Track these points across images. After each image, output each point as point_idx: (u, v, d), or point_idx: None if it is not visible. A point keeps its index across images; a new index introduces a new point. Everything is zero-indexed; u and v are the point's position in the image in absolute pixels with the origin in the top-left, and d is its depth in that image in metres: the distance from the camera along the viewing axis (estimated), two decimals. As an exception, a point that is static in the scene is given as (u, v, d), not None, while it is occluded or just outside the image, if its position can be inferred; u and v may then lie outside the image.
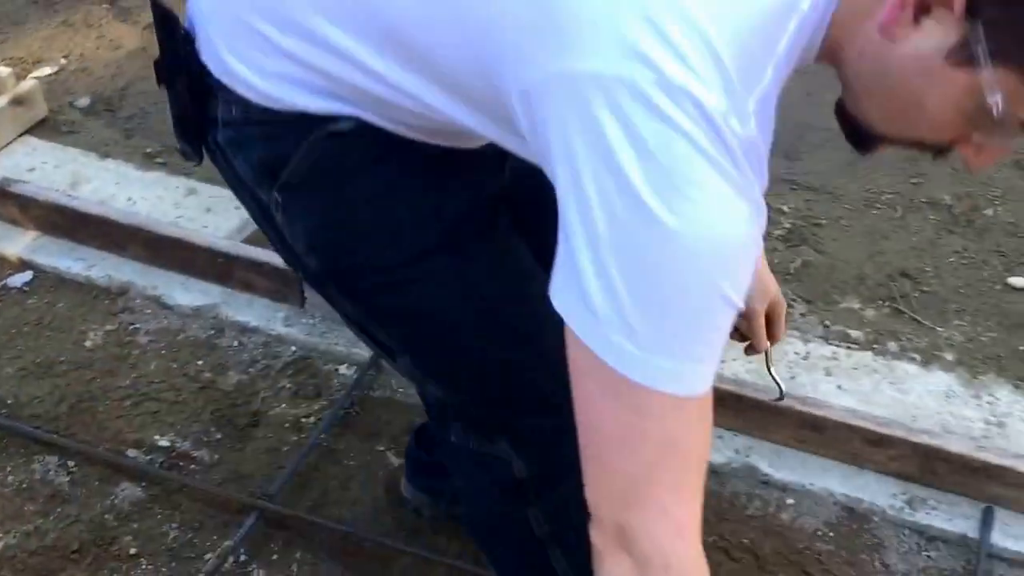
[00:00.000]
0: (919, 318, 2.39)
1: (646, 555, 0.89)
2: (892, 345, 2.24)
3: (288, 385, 2.16)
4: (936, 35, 0.80)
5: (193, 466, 1.97)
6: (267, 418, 2.08)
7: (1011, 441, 2.00)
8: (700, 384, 0.85)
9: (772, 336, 1.55)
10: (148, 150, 2.79)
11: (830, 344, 2.26)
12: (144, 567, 1.79)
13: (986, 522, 1.86)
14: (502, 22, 0.85)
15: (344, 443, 2.03)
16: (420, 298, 1.16)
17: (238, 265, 2.28)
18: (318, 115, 1.04)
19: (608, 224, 0.80)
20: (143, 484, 1.93)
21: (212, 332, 2.27)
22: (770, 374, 1.72)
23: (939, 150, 0.91)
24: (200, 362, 2.20)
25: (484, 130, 0.98)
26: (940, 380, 2.20)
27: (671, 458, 0.88)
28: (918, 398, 2.13)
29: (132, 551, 1.81)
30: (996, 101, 0.78)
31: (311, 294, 2.23)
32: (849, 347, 2.26)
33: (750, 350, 1.56)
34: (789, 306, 2.01)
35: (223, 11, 1.08)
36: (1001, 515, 1.88)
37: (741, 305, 0.85)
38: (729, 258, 0.83)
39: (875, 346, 2.23)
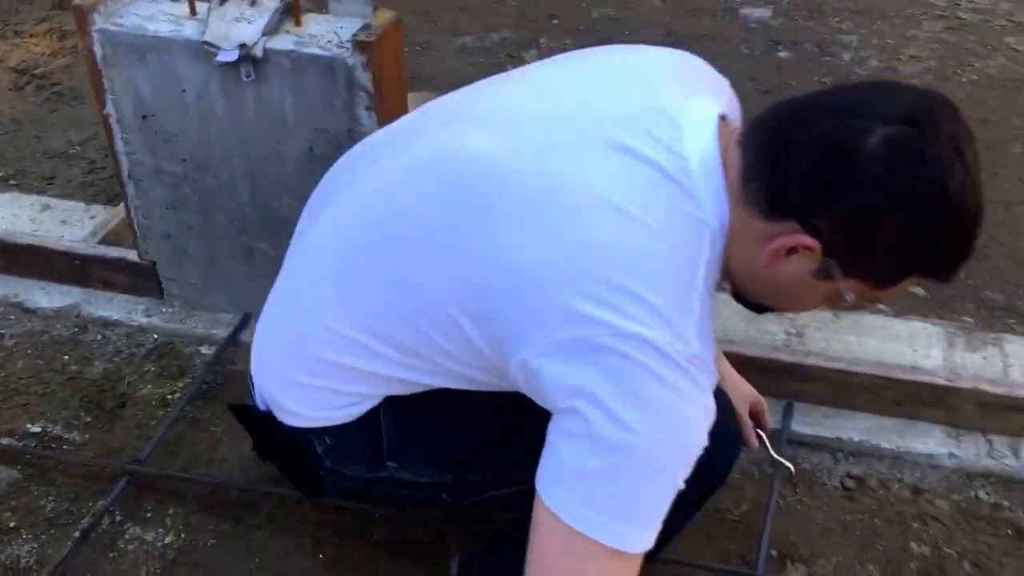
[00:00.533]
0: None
1: None
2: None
3: (152, 368, 2.27)
4: (803, 264, 1.14)
5: (66, 447, 2.06)
6: (134, 399, 2.19)
7: (808, 347, 2.24)
8: (646, 543, 1.13)
9: (762, 427, 1.81)
10: (0, 174, 2.86)
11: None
12: (24, 537, 1.87)
13: (787, 414, 2.09)
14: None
15: (209, 412, 2.15)
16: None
17: (95, 265, 2.38)
18: (375, 406, 1.37)
19: (587, 437, 1.09)
20: (18, 466, 2.01)
21: (76, 330, 2.36)
22: (774, 458, 1.87)
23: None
24: (66, 357, 2.29)
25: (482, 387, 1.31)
26: (747, 304, 2.44)
27: None
28: (727, 320, 2.35)
29: (11, 524, 1.89)
30: (850, 296, 1.17)
31: (169, 285, 2.35)
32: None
33: (745, 447, 1.76)
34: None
35: (276, 382, 1.40)
36: (800, 407, 2.11)
37: (680, 488, 1.12)
38: (680, 458, 1.11)
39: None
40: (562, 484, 1.12)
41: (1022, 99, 3.36)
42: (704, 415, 1.12)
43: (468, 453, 1.42)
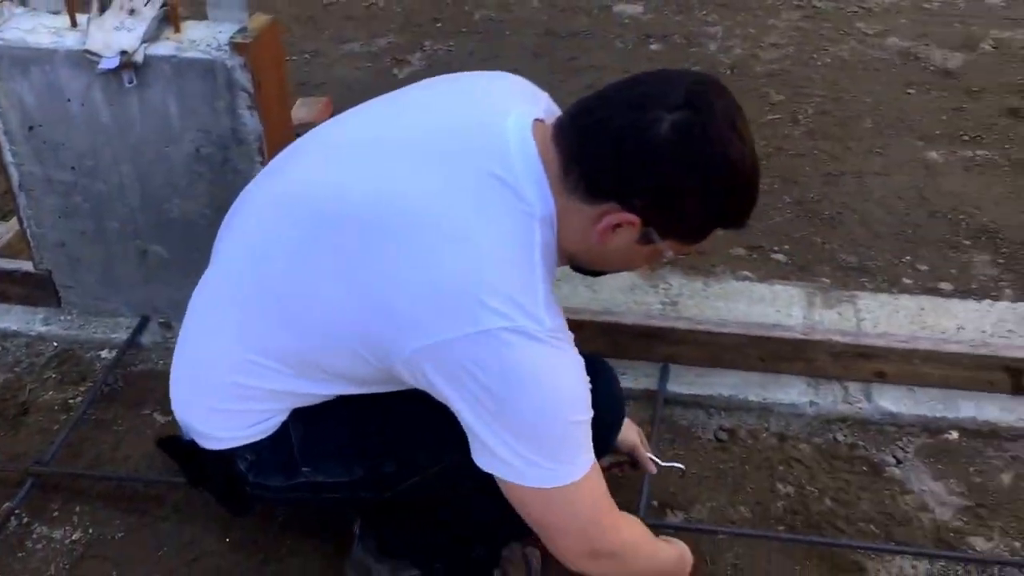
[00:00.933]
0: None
1: (615, 552, 1.43)
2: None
3: (53, 375, 2.29)
4: (628, 235, 1.31)
5: (-32, 458, 2.08)
6: (36, 405, 2.21)
7: (681, 314, 2.39)
8: (588, 464, 1.33)
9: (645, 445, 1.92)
10: None
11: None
12: (-73, 546, 1.89)
13: (663, 376, 2.22)
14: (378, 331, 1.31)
15: (112, 413, 2.19)
16: None
17: (-11, 278, 2.39)
18: (284, 420, 1.47)
19: (492, 411, 1.27)
20: (-81, 480, 2.02)
21: (-27, 344, 2.36)
22: (668, 466, 1.95)
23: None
24: (-35, 370, 2.29)
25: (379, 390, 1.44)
26: (624, 279, 2.57)
27: (594, 505, 1.38)
28: (609, 294, 2.49)
29: (-85, 536, 1.91)
30: (668, 254, 1.36)
31: (66, 292, 2.37)
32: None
33: (642, 469, 1.89)
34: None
35: (193, 411, 1.52)
36: (674, 369, 2.25)
37: (585, 417, 1.32)
38: (569, 398, 1.30)
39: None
40: (500, 461, 1.31)
41: (869, 78, 3.59)
42: (576, 367, 1.32)
43: (373, 447, 1.50)
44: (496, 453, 1.31)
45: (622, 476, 1.93)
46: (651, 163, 1.24)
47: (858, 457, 2.07)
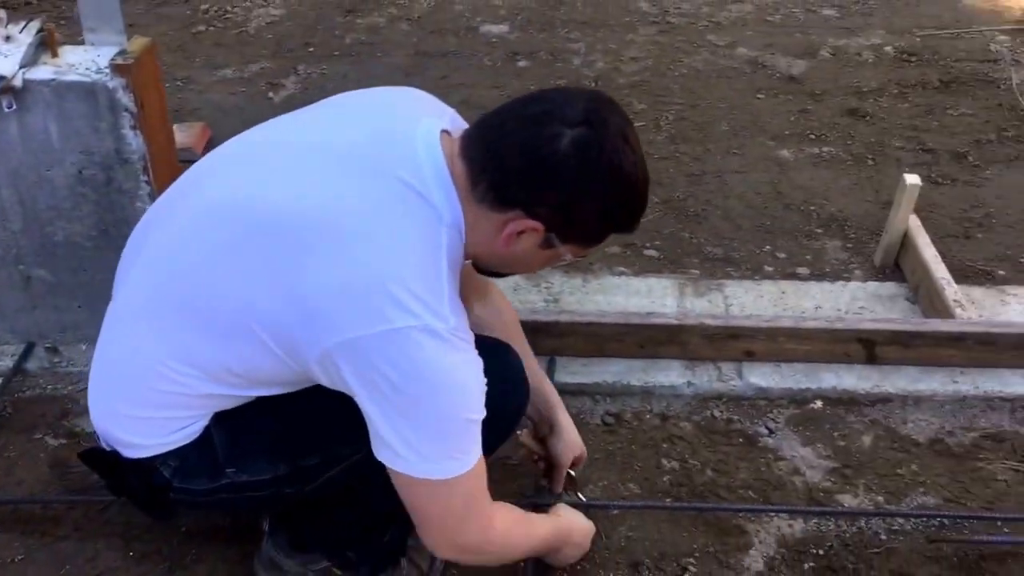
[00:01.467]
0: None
1: (483, 548, 1.51)
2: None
3: (-63, 410, 2.22)
4: (531, 241, 1.39)
5: None
6: (-79, 440, 2.14)
7: (563, 309, 2.48)
8: (474, 461, 1.39)
9: (575, 469, 1.95)
10: None
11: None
12: None
13: (550, 368, 2.31)
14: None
15: (2, 440, 2.14)
16: None
17: None
18: (206, 424, 1.49)
19: (394, 405, 1.32)
20: None
21: None
22: (578, 497, 1.96)
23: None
24: None
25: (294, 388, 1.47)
26: (508, 280, 2.64)
27: (472, 500, 1.43)
28: (493, 296, 2.57)
29: None
30: (567, 257, 1.45)
31: (-56, 325, 2.30)
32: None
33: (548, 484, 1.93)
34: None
35: (113, 420, 1.50)
36: (561, 361, 2.34)
37: (480, 416, 1.37)
38: (469, 396, 1.35)
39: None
40: (394, 452, 1.35)
41: (723, 86, 3.79)
42: (476, 367, 1.37)
43: (295, 443, 1.52)
44: (391, 444, 1.35)
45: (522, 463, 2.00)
46: (554, 175, 1.32)
47: (734, 430, 2.19)
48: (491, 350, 1.60)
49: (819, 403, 2.25)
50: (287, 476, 1.54)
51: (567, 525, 1.73)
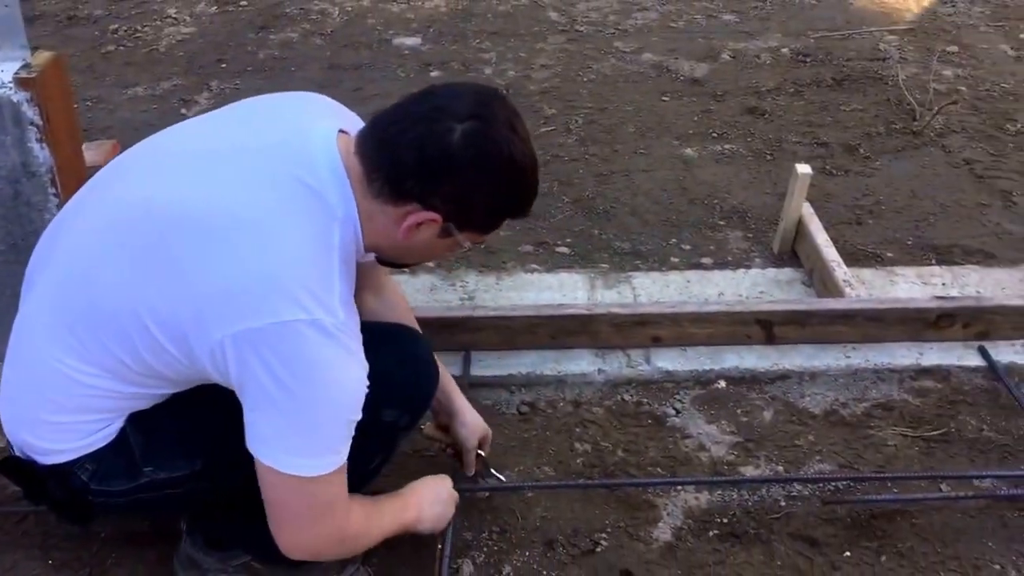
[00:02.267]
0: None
1: (332, 549, 1.55)
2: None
3: None
4: (430, 231, 1.44)
5: None
6: None
7: (477, 306, 2.55)
8: (340, 462, 1.42)
9: (483, 449, 2.00)
10: None
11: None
12: None
13: (466, 363, 2.37)
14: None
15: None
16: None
17: None
18: (122, 425, 1.51)
19: (273, 399, 1.34)
20: None
21: None
22: (492, 473, 2.03)
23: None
24: None
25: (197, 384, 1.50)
26: (425, 280, 2.72)
27: (331, 502, 1.46)
28: (411, 295, 2.62)
29: None
30: (466, 244, 1.50)
31: None
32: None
33: (464, 471, 1.98)
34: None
35: (27, 428, 1.51)
36: (476, 355, 2.40)
37: (357, 417, 1.40)
38: (345, 401, 1.38)
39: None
40: (265, 444, 1.39)
41: (630, 89, 3.91)
42: (360, 369, 1.40)
43: (208, 438, 1.54)
44: (263, 436, 1.38)
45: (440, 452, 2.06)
46: (447, 168, 1.38)
47: (643, 412, 2.28)
48: (396, 336, 1.66)
49: (723, 383, 2.35)
50: (204, 471, 1.57)
51: (410, 494, 1.74)
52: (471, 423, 1.93)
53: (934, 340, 2.40)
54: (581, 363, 2.38)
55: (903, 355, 2.37)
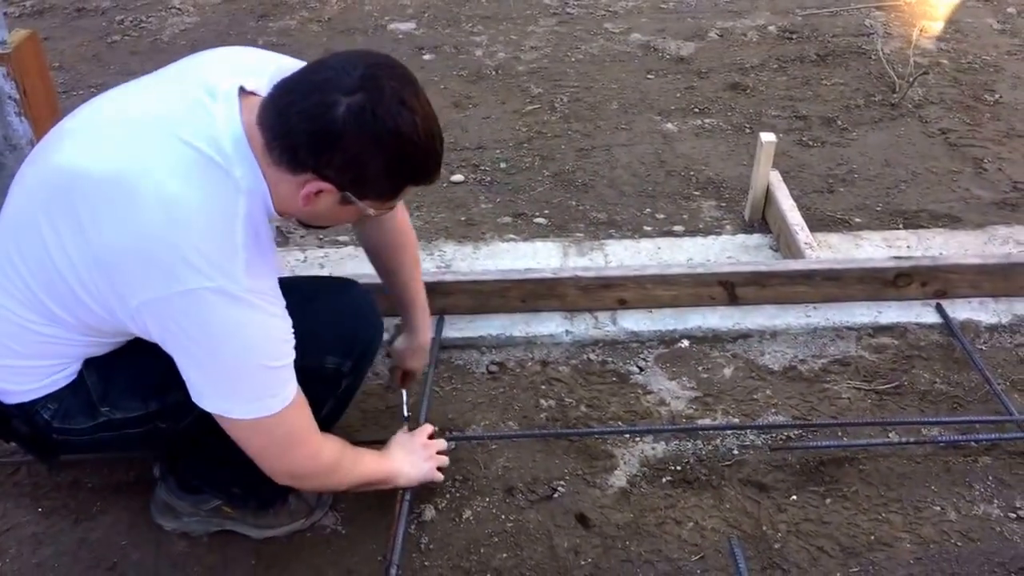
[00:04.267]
0: (389, 219, 3.01)
1: (315, 473, 1.64)
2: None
3: None
4: (330, 199, 1.46)
5: None
6: None
7: (449, 271, 2.63)
8: (283, 402, 1.50)
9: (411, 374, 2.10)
10: None
11: (322, 248, 2.81)
12: None
13: (439, 326, 2.45)
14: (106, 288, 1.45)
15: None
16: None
17: None
18: (80, 368, 1.60)
19: (198, 358, 1.44)
20: None
21: None
22: (403, 404, 2.11)
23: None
24: None
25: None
26: (404, 251, 2.80)
27: (292, 434, 1.56)
28: (388, 265, 2.71)
29: None
30: (369, 211, 1.50)
31: None
32: (337, 247, 2.82)
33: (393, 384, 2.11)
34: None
35: None
36: (449, 319, 2.48)
37: (282, 363, 1.49)
38: (263, 348, 1.46)
39: (357, 243, 2.80)
40: (202, 395, 1.49)
41: (616, 68, 3.97)
42: (270, 321, 1.48)
43: (158, 381, 1.60)
44: (200, 389, 1.48)
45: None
46: (335, 141, 1.39)
47: (608, 371, 2.35)
48: (336, 288, 1.75)
49: (686, 342, 2.41)
50: (158, 413, 1.66)
51: (394, 469, 1.84)
52: (411, 344, 2.05)
53: (894, 299, 2.45)
54: (550, 325, 2.45)
55: (862, 314, 2.43)
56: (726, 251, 2.76)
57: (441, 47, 4.20)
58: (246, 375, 1.47)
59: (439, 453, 1.97)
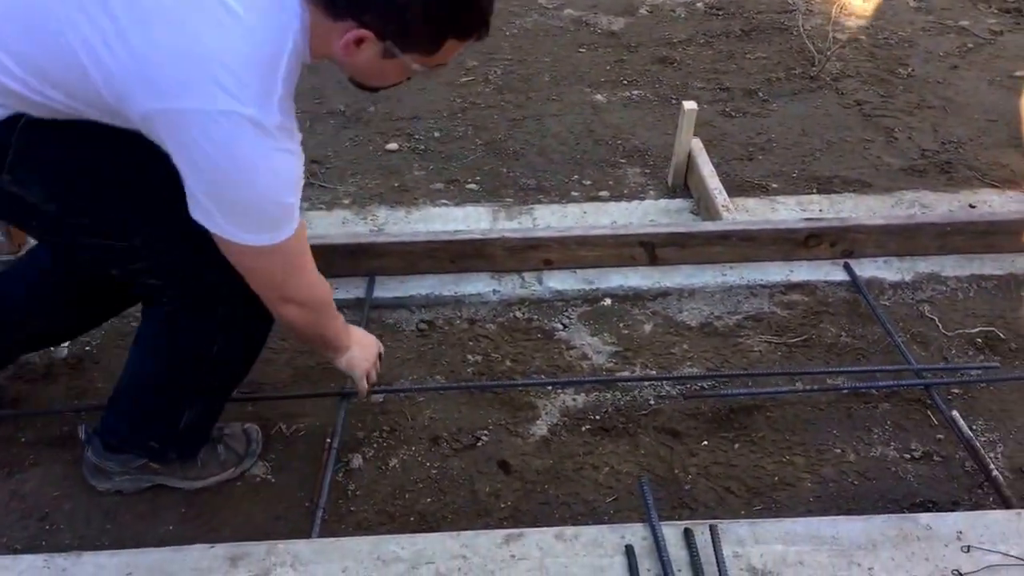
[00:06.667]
0: (325, 184, 3.02)
1: (303, 301, 1.61)
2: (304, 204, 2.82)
3: None
4: (371, 50, 1.43)
5: None
6: None
7: (381, 232, 2.65)
8: (290, 231, 1.48)
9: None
10: None
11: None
12: None
13: (370, 286, 2.47)
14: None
15: None
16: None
17: None
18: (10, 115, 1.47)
19: (212, 181, 1.39)
20: None
21: None
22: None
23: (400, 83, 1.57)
24: None
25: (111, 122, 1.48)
26: (338, 216, 2.82)
27: (292, 262, 1.55)
28: (324, 227, 2.73)
29: None
30: (415, 67, 1.46)
31: None
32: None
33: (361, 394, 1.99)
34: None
35: None
36: (380, 280, 2.51)
37: (296, 198, 1.46)
38: (283, 184, 1.44)
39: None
40: (209, 215, 1.44)
41: (549, 42, 4.01)
42: (291, 158, 1.44)
43: (74, 187, 1.53)
44: (206, 208, 1.42)
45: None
46: None
47: (533, 328, 2.40)
48: None
49: (608, 301, 2.47)
50: (53, 216, 1.56)
51: (351, 345, 1.86)
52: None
53: (805, 259, 2.53)
54: (478, 285, 2.49)
55: (775, 273, 2.50)
56: (649, 215, 2.81)
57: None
58: (257, 207, 1.44)
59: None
